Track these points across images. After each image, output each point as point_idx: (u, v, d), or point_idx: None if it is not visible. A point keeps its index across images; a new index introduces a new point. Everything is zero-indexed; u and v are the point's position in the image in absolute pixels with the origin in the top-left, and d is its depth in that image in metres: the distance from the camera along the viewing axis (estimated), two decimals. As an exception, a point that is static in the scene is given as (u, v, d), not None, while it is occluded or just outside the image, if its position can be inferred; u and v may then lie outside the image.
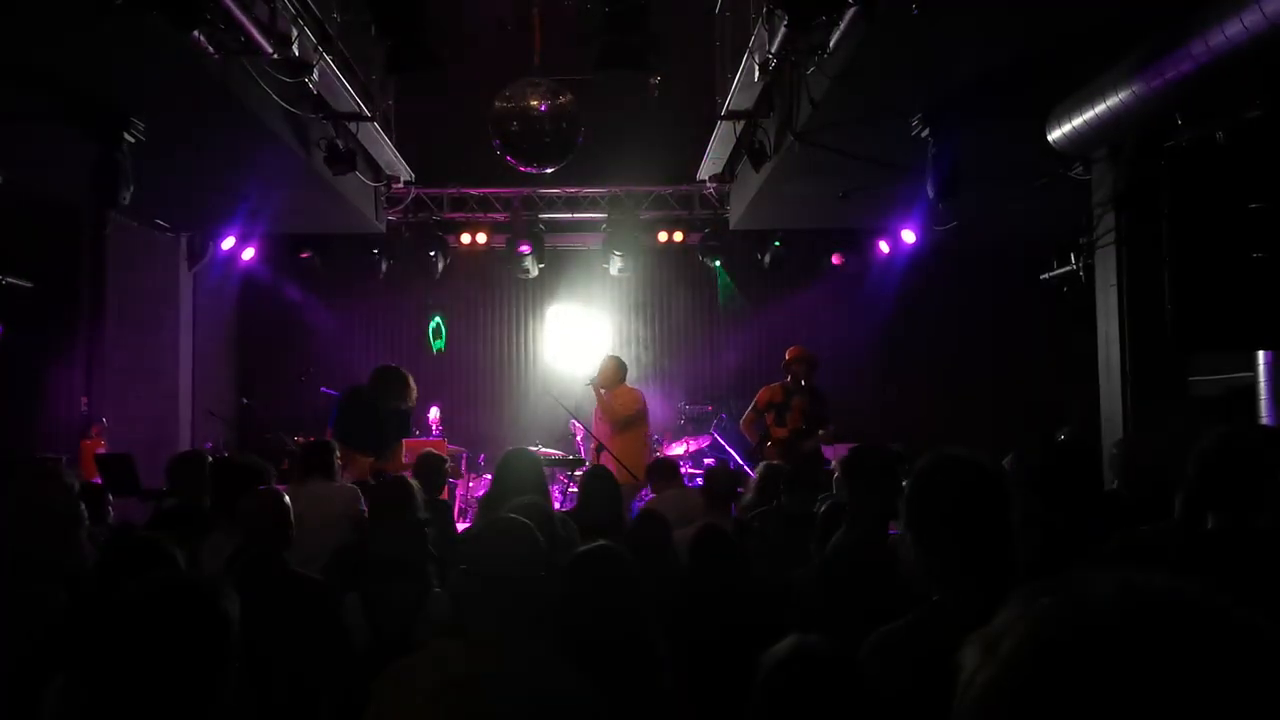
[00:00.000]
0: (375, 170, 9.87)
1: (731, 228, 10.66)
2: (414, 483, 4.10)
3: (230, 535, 3.53)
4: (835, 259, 11.05)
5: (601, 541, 2.60)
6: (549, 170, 9.05)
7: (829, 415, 7.77)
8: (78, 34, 5.22)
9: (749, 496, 5.14)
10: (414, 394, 6.70)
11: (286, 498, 3.68)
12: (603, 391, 8.01)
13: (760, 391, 7.94)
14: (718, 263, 11.11)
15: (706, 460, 9.44)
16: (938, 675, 0.82)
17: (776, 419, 7.71)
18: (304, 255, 10.89)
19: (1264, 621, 0.61)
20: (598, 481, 4.63)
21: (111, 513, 5.16)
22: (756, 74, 7.10)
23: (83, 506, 2.98)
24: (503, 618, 2.22)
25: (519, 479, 4.36)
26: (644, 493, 7.41)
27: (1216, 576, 0.66)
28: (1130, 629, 0.61)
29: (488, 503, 5.05)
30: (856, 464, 3.46)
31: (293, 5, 6.28)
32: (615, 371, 8.14)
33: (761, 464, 5.48)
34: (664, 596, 3.34)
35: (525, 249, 10.66)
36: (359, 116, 8.08)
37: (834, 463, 6.51)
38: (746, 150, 8.28)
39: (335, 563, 3.89)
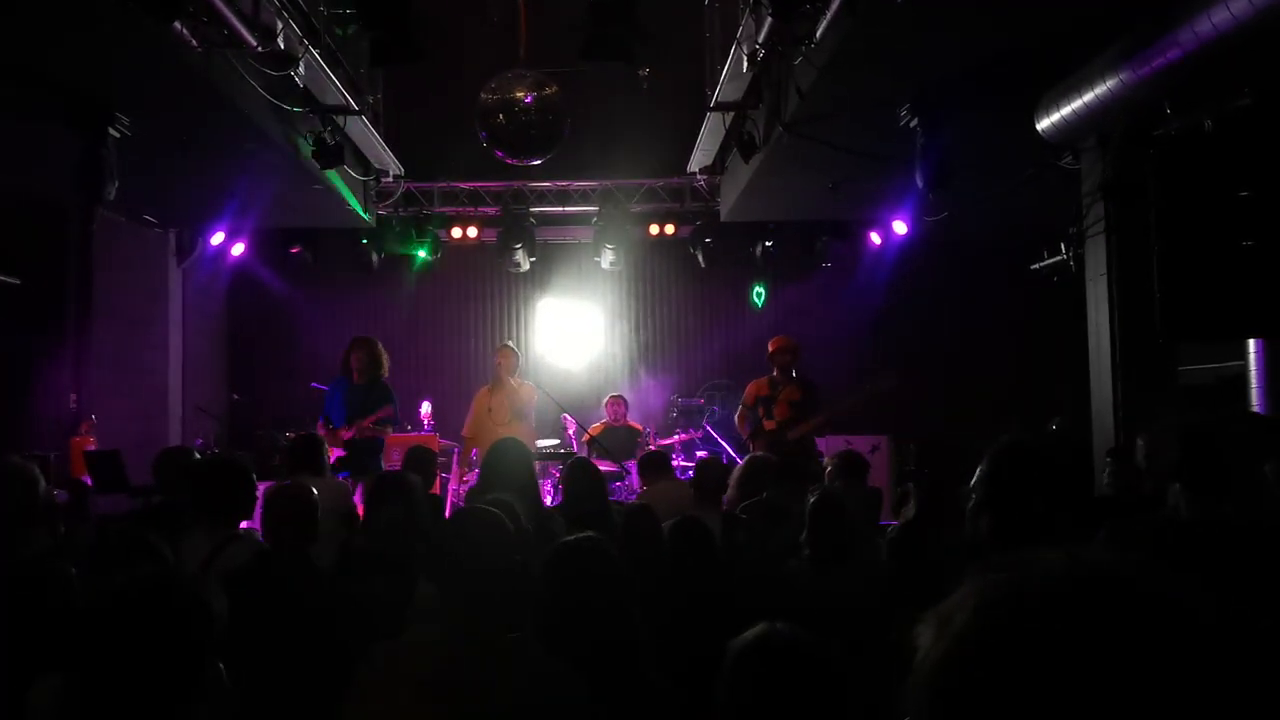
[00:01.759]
0: (364, 165, 9.83)
1: (723, 220, 10.63)
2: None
3: (211, 533, 3.50)
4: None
5: (584, 533, 2.57)
6: (536, 162, 9.02)
7: (820, 403, 7.71)
8: (62, 29, 5.18)
9: (734, 489, 5.11)
10: (385, 361, 7.16)
11: (315, 492, 3.60)
12: (512, 382, 7.79)
13: (748, 387, 7.88)
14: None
15: (699, 452, 9.40)
16: None
17: (766, 413, 7.67)
18: (294, 250, 10.86)
19: (1195, 596, 0.64)
20: (581, 474, 4.59)
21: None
22: (745, 65, 7.06)
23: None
24: (483, 609, 2.21)
25: (508, 470, 4.32)
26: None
27: (1174, 565, 0.66)
28: (1074, 604, 0.63)
29: (474, 494, 5.02)
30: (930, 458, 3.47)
31: (277, -2, 6.24)
32: (517, 363, 8.10)
33: (748, 457, 5.45)
34: (656, 592, 3.32)
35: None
36: (346, 110, 8.03)
37: (826, 457, 6.49)
38: (736, 142, 8.24)
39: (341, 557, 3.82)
